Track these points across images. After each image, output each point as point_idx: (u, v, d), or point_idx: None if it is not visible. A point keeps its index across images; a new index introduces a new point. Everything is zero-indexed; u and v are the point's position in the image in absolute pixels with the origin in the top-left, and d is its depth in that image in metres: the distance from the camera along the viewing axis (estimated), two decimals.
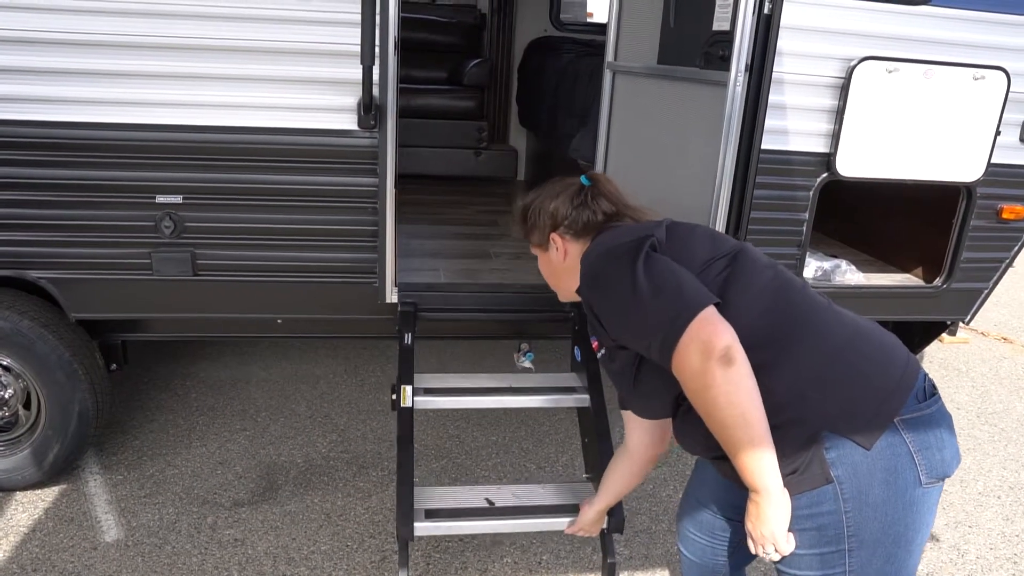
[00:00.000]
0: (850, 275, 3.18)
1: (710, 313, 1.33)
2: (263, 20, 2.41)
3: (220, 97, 2.47)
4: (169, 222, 2.57)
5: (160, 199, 2.56)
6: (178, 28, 2.38)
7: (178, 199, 2.57)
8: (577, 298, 1.68)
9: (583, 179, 1.77)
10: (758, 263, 1.48)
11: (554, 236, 1.74)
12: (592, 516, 2.13)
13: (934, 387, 1.46)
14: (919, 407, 1.39)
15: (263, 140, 2.52)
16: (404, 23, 5.06)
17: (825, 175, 2.76)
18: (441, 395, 2.48)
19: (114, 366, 2.96)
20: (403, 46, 4.86)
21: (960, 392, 4.24)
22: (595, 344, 1.77)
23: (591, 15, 5.87)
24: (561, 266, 1.76)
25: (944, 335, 3.82)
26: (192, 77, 2.44)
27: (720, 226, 2.09)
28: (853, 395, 1.37)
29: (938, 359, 4.66)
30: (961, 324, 3.50)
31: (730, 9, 1.96)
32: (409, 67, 5.02)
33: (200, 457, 3.14)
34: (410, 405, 2.38)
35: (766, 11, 1.89)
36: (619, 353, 1.56)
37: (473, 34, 5.38)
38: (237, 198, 2.59)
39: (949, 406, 4.02)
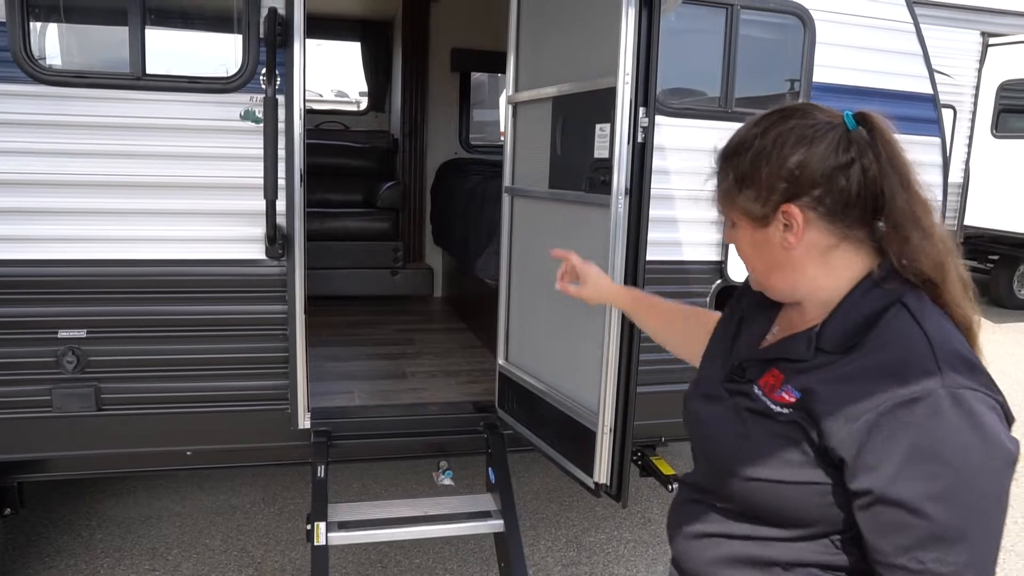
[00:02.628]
0: None
1: None
2: (171, 156, 2.49)
3: (124, 231, 2.51)
4: (72, 357, 2.53)
5: (63, 334, 2.53)
6: (79, 165, 2.44)
7: (82, 333, 2.54)
8: (786, 298, 1.16)
9: (847, 117, 1.09)
10: None
11: (789, 210, 1.07)
12: (594, 287, 1.73)
13: None
14: None
15: (170, 272, 2.55)
16: (319, 149, 5.26)
17: (719, 281, 2.94)
18: (357, 529, 2.46)
19: (8, 510, 2.80)
20: (319, 171, 5.04)
21: None
22: (783, 395, 1.07)
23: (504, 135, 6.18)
24: (781, 255, 1.11)
25: None
26: (95, 212, 2.48)
27: (615, 337, 2.19)
28: None
29: None
30: None
31: (608, 139, 2.14)
32: (325, 191, 5.16)
33: None
34: (324, 543, 2.34)
35: (639, 140, 2.07)
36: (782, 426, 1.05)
37: (386, 158, 5.58)
38: (144, 330, 2.58)
39: None
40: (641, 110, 2.07)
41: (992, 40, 8.42)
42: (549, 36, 2.61)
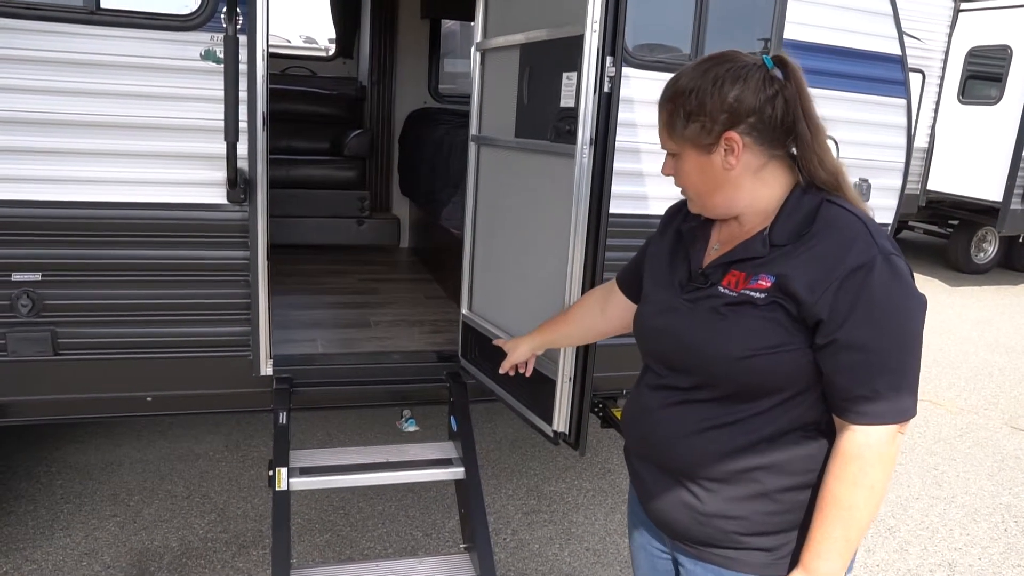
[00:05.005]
0: None
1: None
2: (128, 96, 2.42)
3: (80, 172, 2.44)
4: (27, 300, 2.48)
5: (16, 276, 2.47)
6: (31, 103, 2.35)
7: (37, 276, 2.49)
8: (725, 213, 1.38)
9: (766, 60, 1.32)
10: None
11: (732, 136, 1.30)
12: (523, 349, 2.05)
13: None
14: None
15: (129, 215, 2.49)
16: (285, 95, 5.14)
17: None
18: (318, 475, 2.48)
19: None
20: (285, 117, 4.93)
21: None
22: (760, 282, 1.30)
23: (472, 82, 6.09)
24: (722, 175, 1.33)
25: None
26: (48, 152, 2.40)
27: (576, 287, 2.20)
28: None
29: None
30: None
31: (574, 88, 2.12)
32: (291, 138, 5.06)
33: (63, 549, 2.96)
34: (285, 488, 2.35)
35: (606, 90, 2.05)
36: (757, 310, 1.28)
37: (354, 105, 5.48)
38: (102, 274, 2.53)
39: None
40: (608, 59, 2.05)
41: (964, 5, 8.45)
42: None
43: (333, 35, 6.26)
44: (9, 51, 2.32)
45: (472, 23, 5.45)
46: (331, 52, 6.33)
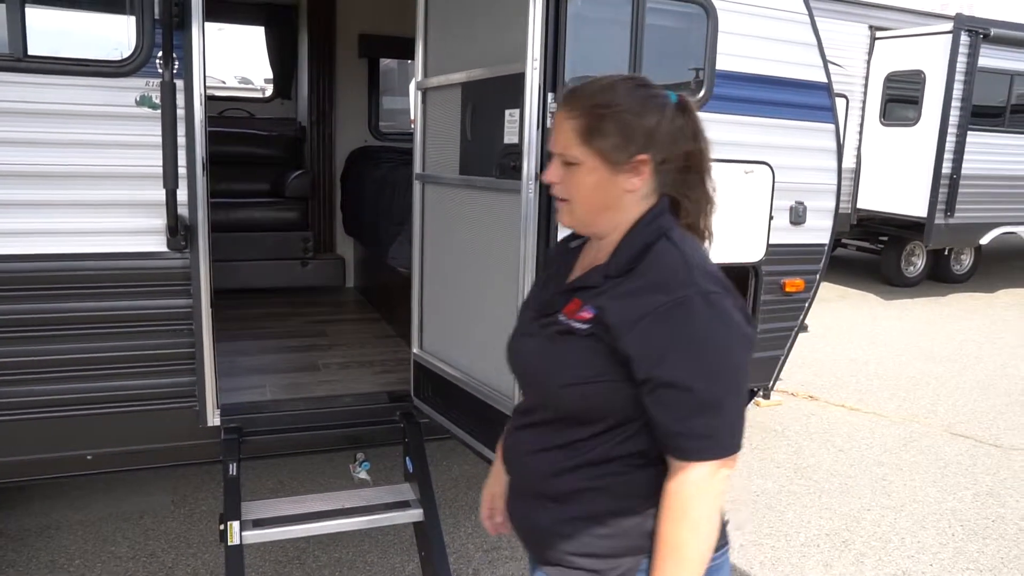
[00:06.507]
0: None
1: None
2: (61, 144, 2.35)
3: (12, 224, 2.36)
4: None
5: None
6: None
7: None
8: (601, 232, 1.37)
9: (671, 96, 1.34)
10: None
11: (644, 159, 1.30)
12: (498, 491, 1.75)
13: (726, 538, 1.42)
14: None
15: (65, 267, 2.42)
16: (223, 137, 5.07)
17: None
18: (272, 526, 2.41)
19: None
20: (223, 160, 4.86)
21: (778, 451, 4.58)
22: (583, 313, 1.31)
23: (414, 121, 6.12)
24: (619, 196, 1.32)
25: (759, 399, 4.17)
26: None
27: None
28: None
29: (756, 422, 5.03)
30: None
31: (517, 124, 2.15)
32: (230, 181, 4.99)
33: None
34: (238, 542, 2.28)
35: (548, 125, 2.08)
36: (580, 340, 1.29)
37: (294, 146, 5.44)
38: (38, 329, 2.43)
39: (768, 465, 4.34)
40: (550, 95, 2.09)
41: (879, 34, 8.89)
42: (458, 21, 2.60)
43: (269, 75, 6.23)
44: None
45: (410, 61, 5.50)
46: (268, 93, 6.29)
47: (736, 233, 3.22)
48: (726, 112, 3.21)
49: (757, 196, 3.27)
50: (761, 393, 4.05)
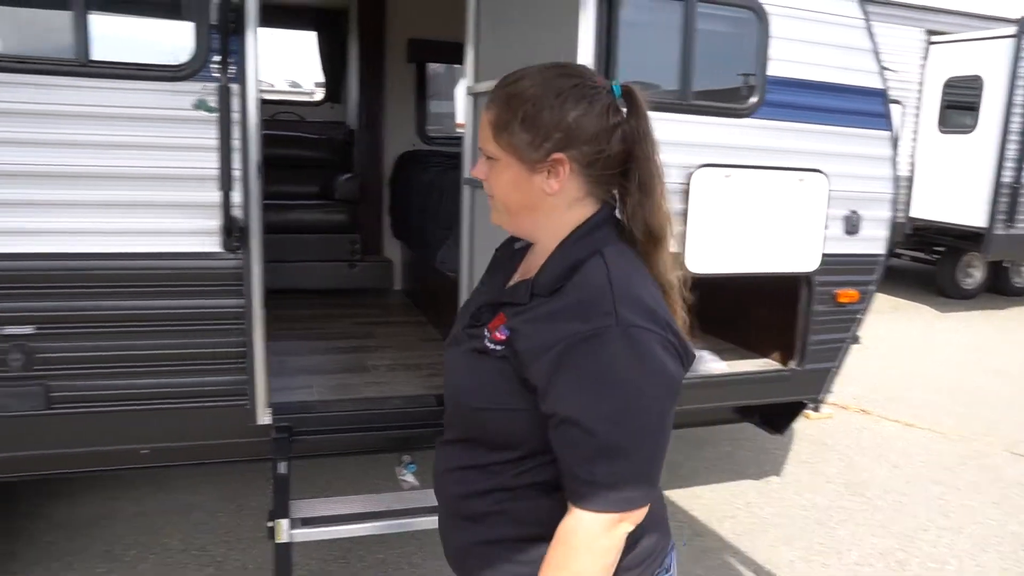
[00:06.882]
0: (714, 364, 3.37)
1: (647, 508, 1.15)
2: (121, 147, 2.41)
3: (74, 224, 2.42)
4: (18, 354, 2.44)
5: (8, 330, 2.44)
6: (24, 155, 2.35)
7: (29, 329, 2.46)
8: (528, 236, 1.27)
9: (615, 88, 1.19)
10: None
11: (560, 158, 1.17)
12: None
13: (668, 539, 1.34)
14: None
15: (123, 266, 2.47)
16: (274, 140, 5.15)
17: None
18: (319, 525, 2.43)
19: None
20: (274, 163, 4.94)
21: (828, 465, 4.48)
22: (499, 334, 1.20)
23: (462, 127, 6.16)
24: (538, 197, 1.20)
25: (809, 411, 4.09)
26: (42, 204, 2.39)
27: None
28: None
29: (806, 435, 4.92)
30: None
31: None
32: (280, 183, 5.06)
33: None
34: (286, 540, 2.30)
35: None
36: (494, 361, 1.18)
37: (343, 149, 5.51)
38: (97, 326, 2.50)
39: (819, 480, 4.24)
40: None
41: (934, 38, 8.66)
42: (508, 26, 2.60)
43: (318, 79, 6.32)
44: (2, 105, 2.31)
45: (457, 66, 5.52)
46: (318, 97, 6.39)
47: (789, 242, 3.16)
48: (779, 119, 3.15)
49: (811, 204, 3.20)
50: (811, 405, 3.97)
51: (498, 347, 1.17)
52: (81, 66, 2.35)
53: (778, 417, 3.79)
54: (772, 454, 4.56)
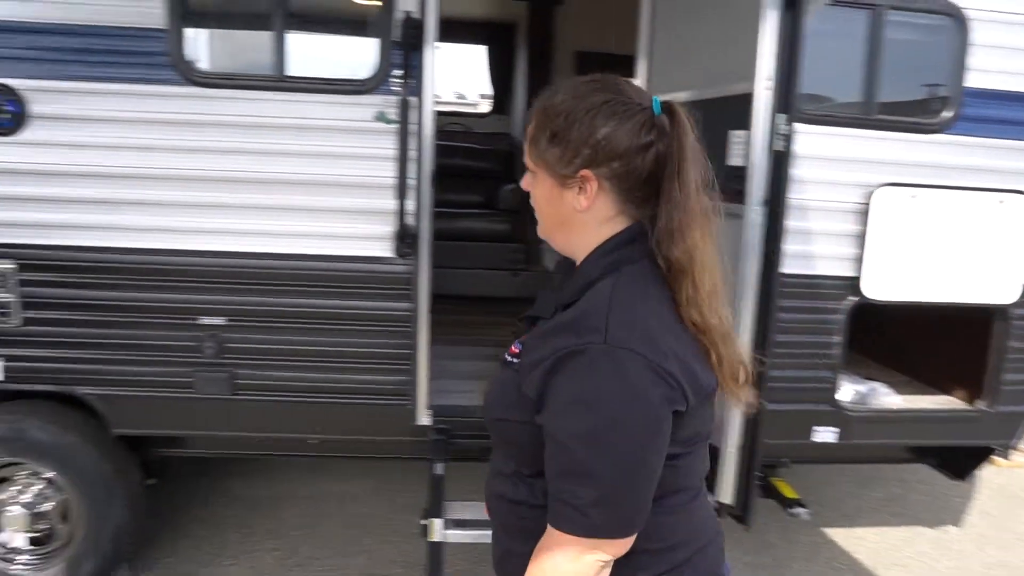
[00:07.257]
0: (887, 398, 3.13)
1: (629, 542, 1.12)
2: (309, 155, 2.59)
3: (263, 225, 2.62)
4: (211, 343, 2.67)
5: (204, 320, 2.68)
6: (224, 163, 2.57)
7: (221, 321, 2.69)
8: (564, 252, 1.26)
9: (655, 103, 1.15)
10: None
11: (587, 175, 1.15)
12: None
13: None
14: None
15: (304, 266, 2.65)
16: (443, 150, 5.34)
17: (853, 298, 2.78)
18: (471, 528, 2.46)
19: (153, 480, 3.01)
20: (441, 172, 5.12)
21: (1019, 521, 4.04)
22: (515, 347, 1.23)
23: None
24: (569, 213, 1.19)
25: (998, 459, 3.70)
26: (237, 207, 2.60)
27: (746, 348, 2.10)
28: None
29: (994, 485, 4.47)
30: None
31: (743, 146, 2.06)
32: (446, 192, 5.24)
33: None
34: (439, 539, 2.36)
35: (780, 148, 1.98)
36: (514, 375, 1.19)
37: (507, 160, 5.62)
38: (278, 321, 2.69)
39: (1007, 536, 3.84)
40: (782, 117, 1.98)
41: None
42: (682, 39, 2.55)
43: (483, 90, 6.49)
44: (209, 116, 2.55)
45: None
46: (483, 108, 6.56)
47: (984, 270, 2.87)
48: (977, 135, 2.87)
49: (1011, 229, 2.90)
50: (1000, 451, 3.59)
51: (514, 360, 1.19)
52: (278, 81, 2.54)
53: (960, 461, 3.45)
54: (950, 502, 4.17)
